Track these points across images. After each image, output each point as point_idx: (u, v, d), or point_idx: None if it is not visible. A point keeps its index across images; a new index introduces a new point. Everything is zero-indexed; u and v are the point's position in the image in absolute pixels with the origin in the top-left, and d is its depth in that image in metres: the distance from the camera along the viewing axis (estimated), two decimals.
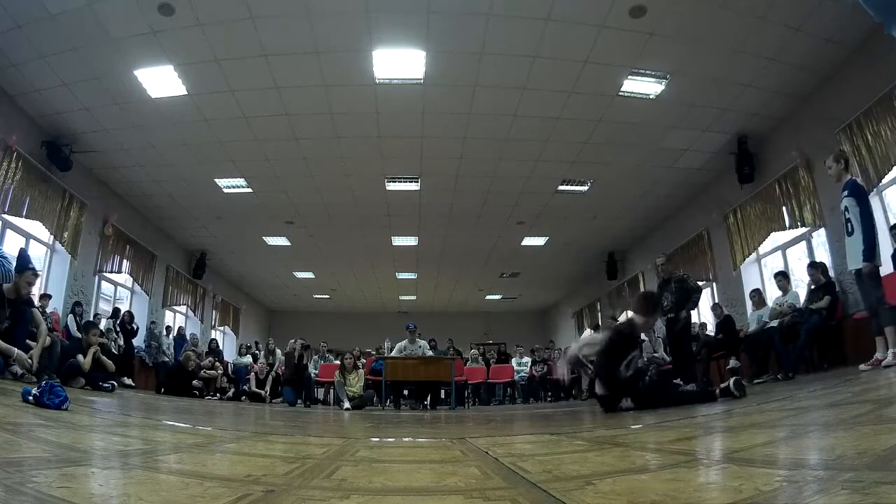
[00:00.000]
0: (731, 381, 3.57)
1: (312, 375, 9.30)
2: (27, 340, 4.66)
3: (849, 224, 4.21)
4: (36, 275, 5.06)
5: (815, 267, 5.93)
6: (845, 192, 4.27)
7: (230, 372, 10.14)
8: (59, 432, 1.73)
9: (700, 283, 5.43)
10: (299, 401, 7.85)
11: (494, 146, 7.60)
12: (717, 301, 8.33)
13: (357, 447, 1.68)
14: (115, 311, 8.89)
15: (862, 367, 4.04)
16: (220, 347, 11.94)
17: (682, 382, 4.95)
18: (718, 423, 2.26)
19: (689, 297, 5.75)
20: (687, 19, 5.24)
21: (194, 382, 8.19)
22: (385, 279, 14.30)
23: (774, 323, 6.07)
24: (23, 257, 4.92)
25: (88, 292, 8.36)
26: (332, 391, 9.89)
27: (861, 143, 5.64)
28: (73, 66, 5.76)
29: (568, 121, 6.96)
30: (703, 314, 9.10)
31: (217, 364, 9.48)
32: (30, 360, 4.30)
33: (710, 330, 7.95)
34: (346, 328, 16.08)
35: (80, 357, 5.47)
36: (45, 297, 6.96)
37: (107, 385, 5.38)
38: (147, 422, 2.62)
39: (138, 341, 9.12)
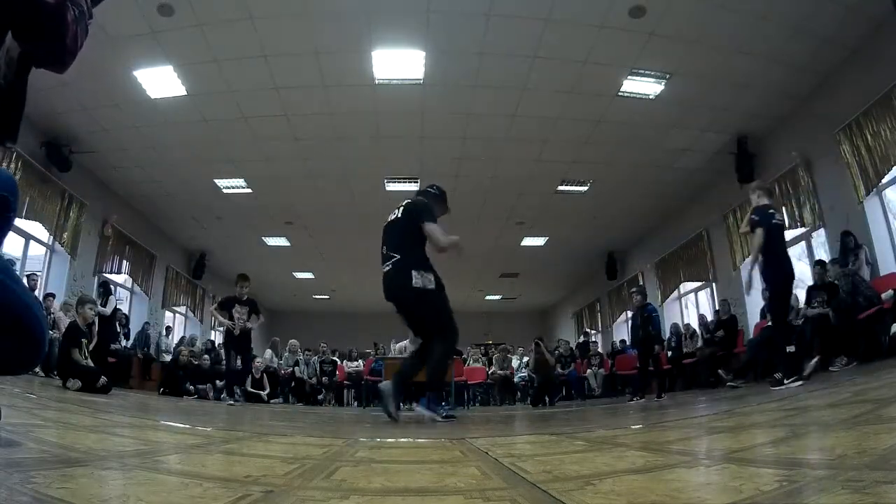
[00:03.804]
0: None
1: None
2: None
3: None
4: None
5: (820, 265, 5.95)
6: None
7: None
8: (59, 432, 1.73)
9: None
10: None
11: (494, 146, 7.60)
12: (719, 300, 8.34)
13: (357, 448, 1.68)
14: (116, 311, 8.87)
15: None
16: (218, 348, 11.94)
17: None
18: (718, 423, 2.26)
19: None
20: (687, 19, 5.24)
21: (188, 386, 8.21)
22: None
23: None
24: None
25: (88, 293, 8.35)
26: (331, 393, 9.94)
27: (861, 143, 5.64)
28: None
29: (568, 121, 6.96)
30: (701, 310, 9.13)
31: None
32: None
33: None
34: (346, 329, 16.05)
35: (75, 352, 5.43)
36: (49, 296, 6.96)
37: (102, 383, 5.32)
38: (146, 422, 2.62)
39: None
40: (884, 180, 5.57)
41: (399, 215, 3.61)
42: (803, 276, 7.32)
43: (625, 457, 1.37)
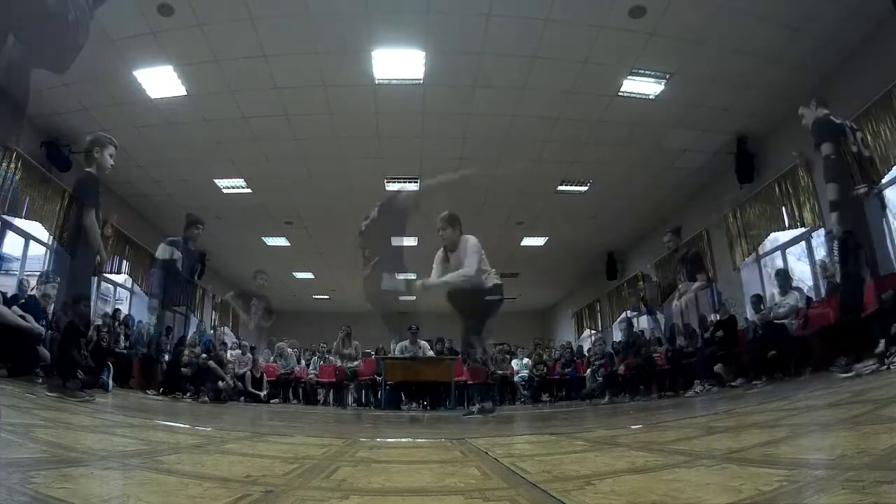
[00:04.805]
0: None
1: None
2: None
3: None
4: None
5: (823, 267, 5.97)
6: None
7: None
8: (59, 432, 1.73)
9: None
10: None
11: (494, 146, 7.59)
12: (719, 301, 8.32)
13: (357, 448, 1.68)
14: (116, 311, 8.88)
15: None
16: (220, 347, 11.92)
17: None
18: (718, 423, 2.26)
19: None
20: (687, 19, 5.24)
21: (188, 386, 8.20)
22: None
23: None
24: None
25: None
26: (331, 392, 9.93)
27: (861, 142, 5.63)
28: (72, 67, 5.74)
29: (568, 121, 6.95)
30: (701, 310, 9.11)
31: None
32: None
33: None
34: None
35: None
36: (45, 297, 6.94)
37: (102, 379, 5.29)
38: (146, 422, 2.62)
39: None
40: (884, 180, 5.56)
41: None
42: (803, 275, 7.34)
43: (625, 457, 1.37)
